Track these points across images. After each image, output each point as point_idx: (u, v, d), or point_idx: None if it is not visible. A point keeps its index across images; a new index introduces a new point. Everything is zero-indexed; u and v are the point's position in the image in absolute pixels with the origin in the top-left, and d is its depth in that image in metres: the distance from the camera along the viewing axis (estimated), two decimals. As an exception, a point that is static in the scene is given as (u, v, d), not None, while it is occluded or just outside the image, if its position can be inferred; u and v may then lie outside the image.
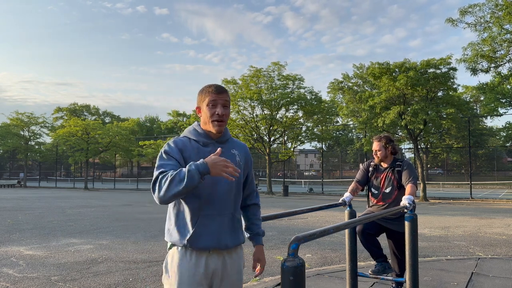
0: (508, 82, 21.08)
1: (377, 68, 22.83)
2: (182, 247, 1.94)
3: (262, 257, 2.16)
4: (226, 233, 1.97)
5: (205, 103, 2.00)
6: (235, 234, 2.03)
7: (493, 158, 51.90)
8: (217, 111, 1.98)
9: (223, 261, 2.00)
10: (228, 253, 2.02)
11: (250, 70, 28.90)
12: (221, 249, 1.98)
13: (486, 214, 14.25)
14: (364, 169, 4.37)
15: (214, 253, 1.97)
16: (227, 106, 2.02)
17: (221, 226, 1.96)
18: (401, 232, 4.02)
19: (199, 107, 2.05)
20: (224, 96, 2.00)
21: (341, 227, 2.34)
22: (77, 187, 42.88)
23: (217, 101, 1.98)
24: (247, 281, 5.10)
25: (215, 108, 1.98)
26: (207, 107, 1.99)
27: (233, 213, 2.03)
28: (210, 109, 1.99)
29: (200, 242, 1.92)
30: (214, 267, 1.96)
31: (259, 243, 2.17)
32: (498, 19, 18.22)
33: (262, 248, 2.17)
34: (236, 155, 2.09)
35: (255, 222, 2.21)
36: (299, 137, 32.73)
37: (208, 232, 1.93)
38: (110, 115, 74.69)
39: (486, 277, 5.18)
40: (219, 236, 1.95)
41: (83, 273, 5.46)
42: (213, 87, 2.02)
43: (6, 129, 42.38)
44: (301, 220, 11.82)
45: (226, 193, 1.99)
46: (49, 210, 14.76)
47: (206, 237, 1.93)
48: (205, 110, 2.00)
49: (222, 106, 1.99)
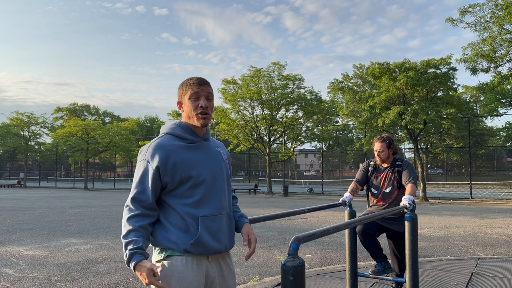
0: (508, 82, 21.08)
1: (377, 68, 22.83)
2: (182, 257, 1.78)
3: (252, 231, 2.01)
4: (225, 234, 1.89)
5: (187, 97, 1.89)
6: (231, 235, 1.95)
7: (493, 158, 51.92)
8: (201, 103, 1.87)
9: (219, 268, 1.90)
10: (223, 257, 1.93)
11: (250, 70, 28.92)
12: (218, 254, 1.88)
13: (486, 214, 14.24)
14: (364, 169, 4.37)
15: (213, 260, 1.87)
16: (211, 98, 1.92)
17: (220, 227, 1.87)
18: (401, 232, 4.02)
19: (181, 101, 1.94)
20: (206, 88, 1.90)
21: (341, 227, 2.34)
22: (77, 187, 42.88)
23: (199, 93, 1.88)
24: (247, 281, 5.10)
25: (198, 101, 1.87)
26: (190, 100, 1.88)
27: (229, 212, 1.95)
28: (193, 102, 1.88)
29: (205, 245, 1.79)
30: (213, 275, 1.86)
31: (246, 222, 2.06)
32: (498, 19, 18.22)
33: (250, 226, 2.05)
34: (221, 153, 2.02)
35: (235, 209, 2.11)
36: (299, 137, 32.73)
37: (210, 233, 1.82)
38: (110, 115, 74.66)
39: (486, 277, 5.18)
40: (220, 237, 1.86)
41: (83, 273, 5.46)
42: (194, 79, 1.91)
43: (6, 129, 42.39)
44: (301, 220, 11.82)
45: (222, 192, 1.92)
46: (49, 210, 14.76)
47: (209, 239, 1.81)
48: (188, 103, 1.89)
49: (205, 98, 1.89)
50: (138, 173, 1.82)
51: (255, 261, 6.26)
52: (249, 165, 40.57)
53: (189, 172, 1.83)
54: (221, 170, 1.95)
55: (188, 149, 1.87)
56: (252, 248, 1.96)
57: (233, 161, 65.73)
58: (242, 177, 58.27)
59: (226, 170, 2.00)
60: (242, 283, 4.99)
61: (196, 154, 1.88)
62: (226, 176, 1.98)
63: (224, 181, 1.95)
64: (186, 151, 1.86)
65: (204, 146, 1.93)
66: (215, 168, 1.92)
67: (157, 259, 1.83)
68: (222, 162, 1.98)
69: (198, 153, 1.89)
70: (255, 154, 39.47)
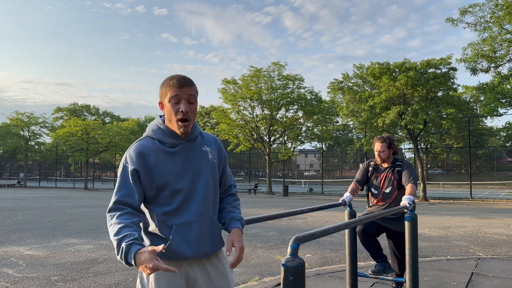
0: (508, 82, 21.08)
1: (377, 68, 22.83)
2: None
3: (237, 238, 1.82)
4: (205, 240, 1.81)
5: (167, 99, 1.76)
6: (214, 240, 1.86)
7: (493, 158, 51.92)
8: (181, 107, 1.73)
9: (203, 269, 1.84)
10: (208, 260, 1.86)
11: (250, 70, 28.92)
12: (200, 258, 1.82)
13: (486, 214, 14.24)
14: (364, 169, 4.37)
15: (192, 262, 1.81)
16: (194, 101, 1.77)
17: (199, 234, 1.79)
18: (401, 232, 4.02)
19: (161, 102, 1.80)
20: (188, 90, 1.74)
21: (341, 227, 2.34)
22: (77, 187, 42.88)
23: (180, 96, 1.73)
24: (247, 281, 5.10)
25: (178, 105, 1.74)
26: (170, 103, 1.75)
27: (212, 217, 1.85)
28: (173, 105, 1.74)
29: (178, 254, 1.75)
30: (194, 276, 1.81)
31: (235, 227, 1.87)
32: (498, 19, 18.23)
33: (239, 231, 1.86)
34: (208, 153, 1.87)
35: (229, 209, 1.95)
36: (299, 137, 32.72)
37: (186, 241, 1.76)
38: (110, 115, 74.65)
39: (486, 277, 5.18)
40: (198, 244, 1.78)
41: (83, 273, 5.46)
42: (175, 79, 1.75)
43: (6, 129, 42.38)
44: (301, 220, 11.82)
45: (203, 197, 1.81)
46: (49, 210, 14.76)
47: (183, 247, 1.75)
48: (168, 106, 1.75)
49: (186, 101, 1.74)
50: (119, 176, 1.76)
51: (255, 261, 6.26)
52: (249, 165, 40.58)
53: (166, 178, 1.75)
54: (204, 174, 1.83)
55: (167, 154, 1.78)
56: (236, 256, 1.80)
57: (233, 161, 65.72)
58: (242, 177, 58.27)
59: (213, 171, 1.87)
60: (242, 283, 4.99)
61: (176, 160, 1.78)
62: (212, 179, 1.86)
63: (208, 185, 1.84)
64: (164, 156, 1.77)
65: (186, 149, 1.82)
66: (196, 172, 1.81)
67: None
68: (207, 163, 1.86)
69: (178, 158, 1.79)
70: (255, 154, 39.47)
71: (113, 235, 1.65)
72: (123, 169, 1.76)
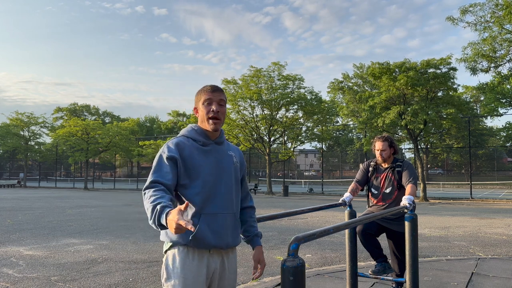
0: (508, 82, 21.08)
1: (377, 68, 22.82)
2: (184, 247, 1.93)
3: (262, 258, 2.17)
4: (228, 232, 1.99)
5: (201, 102, 2.05)
6: (236, 233, 2.07)
7: (493, 158, 51.93)
8: (212, 108, 2.01)
9: (221, 261, 2.01)
10: (226, 253, 2.04)
11: (250, 70, 28.92)
12: (221, 249, 1.98)
13: (486, 214, 14.24)
14: (364, 169, 4.36)
15: (214, 252, 1.98)
16: (223, 104, 2.06)
17: (223, 225, 1.97)
18: (401, 232, 4.01)
19: (196, 107, 2.10)
20: (219, 95, 2.04)
21: (341, 227, 2.34)
22: (77, 187, 42.88)
23: (212, 99, 2.03)
24: (247, 281, 5.10)
25: (210, 106, 2.02)
26: (203, 105, 2.04)
27: (235, 212, 2.06)
28: (206, 107, 2.03)
29: (204, 240, 1.91)
30: (214, 266, 1.97)
31: (259, 244, 2.19)
32: (498, 18, 18.23)
33: (261, 249, 2.19)
34: (233, 157, 2.14)
35: (252, 224, 2.23)
36: (299, 137, 32.72)
37: (211, 230, 1.94)
38: (110, 115, 74.70)
39: (486, 277, 5.18)
40: (222, 234, 1.97)
41: (83, 273, 5.46)
42: (208, 86, 2.07)
43: (6, 129, 42.39)
44: (301, 220, 11.82)
45: (228, 192, 2.02)
46: (49, 210, 14.76)
47: (209, 235, 1.92)
48: (201, 108, 2.04)
49: (217, 103, 2.03)
50: (155, 162, 1.95)
51: (255, 261, 6.25)
52: (249, 165, 40.59)
53: (198, 169, 1.96)
54: (229, 173, 2.06)
55: (200, 150, 2.01)
56: (260, 272, 2.13)
57: (233, 161, 65.70)
58: (242, 177, 58.20)
59: (236, 172, 2.11)
60: (242, 283, 4.99)
61: (207, 155, 2.02)
62: (235, 179, 2.09)
63: (232, 184, 2.06)
64: (198, 151, 2.00)
65: (215, 149, 2.06)
66: (224, 170, 2.04)
67: (165, 249, 1.98)
68: (232, 165, 2.10)
69: (209, 154, 2.02)
70: (255, 154, 39.48)
71: (149, 203, 1.75)
72: (159, 157, 1.96)
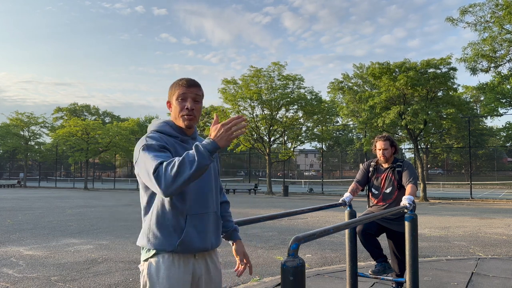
0: (508, 82, 21.07)
1: (377, 68, 22.82)
2: (169, 254, 1.79)
3: (245, 250, 2.10)
4: (211, 232, 1.89)
5: (174, 97, 1.89)
6: (218, 233, 1.96)
7: (493, 158, 51.94)
8: (187, 105, 1.86)
9: (205, 265, 1.91)
10: (209, 254, 1.94)
11: (250, 70, 28.92)
12: (206, 251, 1.89)
13: (486, 214, 14.24)
14: (364, 169, 4.37)
15: (199, 257, 1.88)
16: (199, 101, 1.90)
17: (207, 225, 1.87)
18: (401, 232, 4.01)
19: (170, 101, 1.93)
20: (194, 90, 1.88)
21: (341, 227, 2.34)
22: (77, 187, 42.87)
23: (187, 95, 1.87)
24: (247, 281, 5.09)
25: (185, 102, 1.87)
26: (177, 101, 1.88)
27: (216, 211, 1.94)
28: (180, 103, 1.87)
29: (191, 244, 1.80)
30: (199, 272, 1.87)
31: (239, 238, 2.12)
32: (498, 18, 18.23)
33: (242, 243, 2.12)
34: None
35: (229, 218, 2.13)
36: (299, 137, 32.71)
37: (198, 232, 1.82)
38: (110, 115, 74.64)
39: (486, 277, 5.17)
40: (206, 235, 1.86)
41: (83, 273, 5.46)
42: (184, 80, 1.90)
43: (6, 129, 42.37)
44: (301, 220, 11.82)
45: (210, 190, 1.91)
46: (49, 210, 14.76)
47: (196, 238, 1.81)
48: (175, 104, 1.89)
49: (192, 100, 1.87)
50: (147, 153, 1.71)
51: (255, 261, 6.26)
52: (249, 165, 40.58)
53: None
54: (209, 170, 1.92)
55: (180, 146, 1.86)
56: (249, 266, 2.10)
57: (233, 161, 65.77)
58: (242, 177, 58.25)
59: (214, 169, 1.98)
60: (242, 283, 4.98)
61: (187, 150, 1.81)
62: (214, 176, 1.97)
63: (212, 181, 1.94)
64: (178, 146, 1.85)
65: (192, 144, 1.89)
66: None
67: (146, 257, 1.83)
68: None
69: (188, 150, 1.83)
70: (255, 154, 39.46)
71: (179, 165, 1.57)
72: (146, 147, 1.73)
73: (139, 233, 1.87)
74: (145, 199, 1.85)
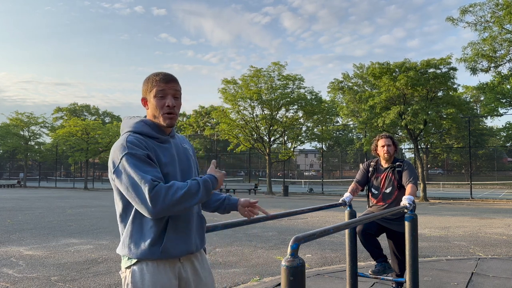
0: (508, 82, 21.07)
1: (377, 68, 22.82)
2: (152, 262, 1.69)
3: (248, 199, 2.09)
4: (194, 234, 1.81)
5: (152, 94, 1.76)
6: (202, 233, 1.89)
7: (493, 158, 51.93)
8: (167, 102, 1.74)
9: (192, 267, 1.83)
10: (195, 256, 1.86)
11: (250, 70, 28.90)
12: (191, 254, 1.81)
13: (486, 214, 14.24)
14: (364, 169, 4.37)
15: (185, 260, 1.80)
16: (178, 97, 1.80)
17: (190, 227, 1.78)
18: (401, 232, 4.01)
19: (145, 98, 1.80)
20: (173, 86, 1.77)
21: (341, 227, 2.34)
22: (77, 187, 42.87)
23: (166, 91, 1.75)
24: (247, 281, 5.09)
25: (165, 100, 1.75)
26: (155, 98, 1.75)
27: (198, 212, 1.87)
28: (159, 100, 1.75)
29: (174, 249, 1.71)
30: (185, 276, 1.79)
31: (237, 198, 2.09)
32: (498, 18, 18.22)
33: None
34: (188, 149, 1.92)
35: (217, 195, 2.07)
36: (299, 137, 32.70)
37: (180, 235, 1.73)
38: (110, 115, 74.63)
39: (486, 277, 5.17)
40: (190, 237, 1.78)
41: (83, 273, 5.45)
42: (161, 75, 1.77)
43: (6, 129, 42.37)
44: (301, 220, 11.81)
45: None
46: (49, 210, 14.76)
47: (179, 241, 1.72)
48: (153, 101, 1.75)
49: (172, 96, 1.77)
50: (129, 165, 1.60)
51: (255, 261, 6.26)
52: (249, 165, 40.57)
53: (164, 169, 1.71)
54: (190, 169, 1.86)
55: (161, 149, 1.75)
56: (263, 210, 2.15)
57: (233, 161, 65.73)
58: (242, 177, 58.22)
59: (195, 168, 1.91)
60: (242, 283, 4.98)
61: (168, 154, 1.76)
62: (196, 173, 1.91)
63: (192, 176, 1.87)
64: (158, 148, 1.74)
65: (172, 145, 1.82)
66: (185, 165, 1.83)
67: (127, 265, 1.72)
68: (190, 158, 1.89)
69: (169, 152, 1.77)
70: (255, 154, 39.45)
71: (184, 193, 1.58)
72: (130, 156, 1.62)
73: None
74: (121, 205, 1.74)
